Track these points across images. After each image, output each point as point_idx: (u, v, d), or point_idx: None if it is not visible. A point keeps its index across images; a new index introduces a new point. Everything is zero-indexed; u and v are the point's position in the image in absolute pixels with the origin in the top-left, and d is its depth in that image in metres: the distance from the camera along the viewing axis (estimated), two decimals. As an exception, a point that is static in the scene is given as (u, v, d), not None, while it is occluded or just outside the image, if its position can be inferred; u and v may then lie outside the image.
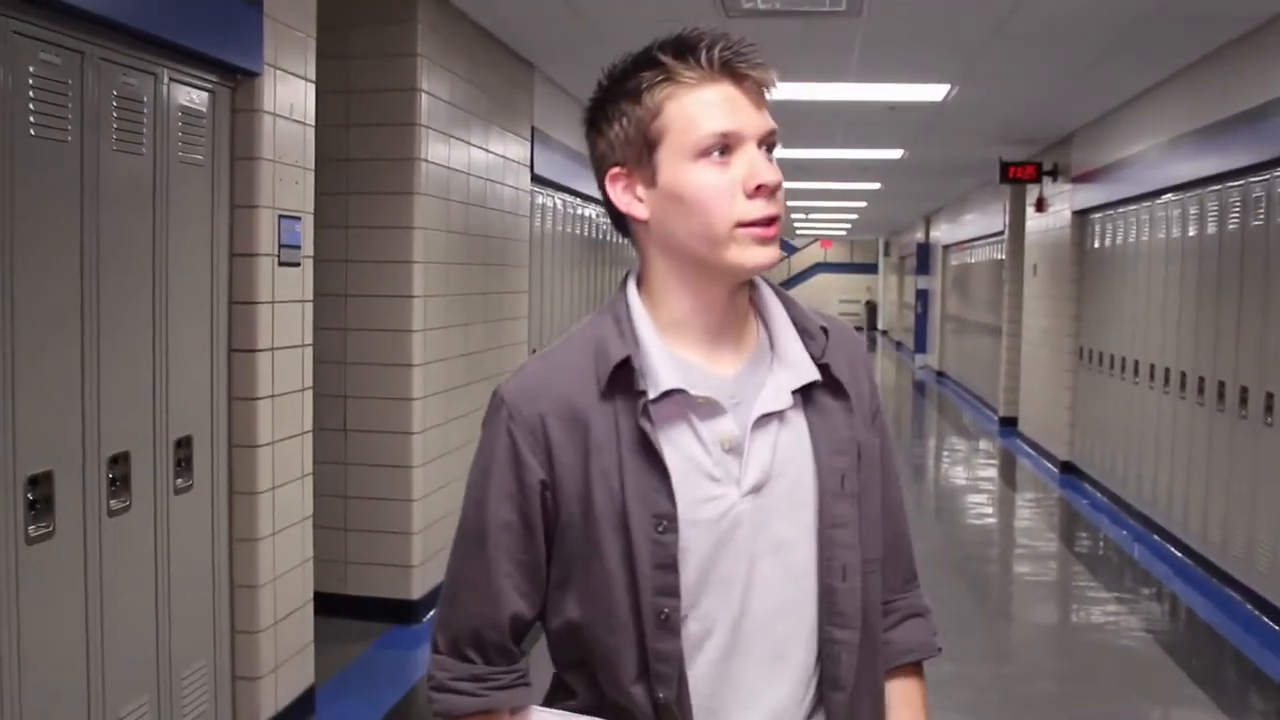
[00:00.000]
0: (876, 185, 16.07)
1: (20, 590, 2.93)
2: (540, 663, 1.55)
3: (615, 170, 1.45)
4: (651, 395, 1.41)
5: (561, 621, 1.48)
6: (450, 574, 1.53)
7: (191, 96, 3.68)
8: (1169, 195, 7.74)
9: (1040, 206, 11.45)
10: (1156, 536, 7.91)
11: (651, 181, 1.42)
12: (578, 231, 9.08)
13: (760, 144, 1.41)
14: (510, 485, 1.46)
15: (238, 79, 3.91)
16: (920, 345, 23.37)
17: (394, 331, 5.51)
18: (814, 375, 1.47)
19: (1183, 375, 7.41)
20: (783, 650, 1.47)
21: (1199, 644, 5.97)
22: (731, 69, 1.40)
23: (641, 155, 1.42)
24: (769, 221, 1.40)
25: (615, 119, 1.43)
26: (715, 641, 1.45)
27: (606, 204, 1.48)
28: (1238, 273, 6.50)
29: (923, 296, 23.24)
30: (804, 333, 1.50)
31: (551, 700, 1.55)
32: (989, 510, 9.75)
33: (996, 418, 14.03)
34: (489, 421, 1.49)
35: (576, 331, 1.51)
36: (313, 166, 4.36)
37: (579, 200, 8.97)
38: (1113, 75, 7.58)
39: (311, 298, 4.38)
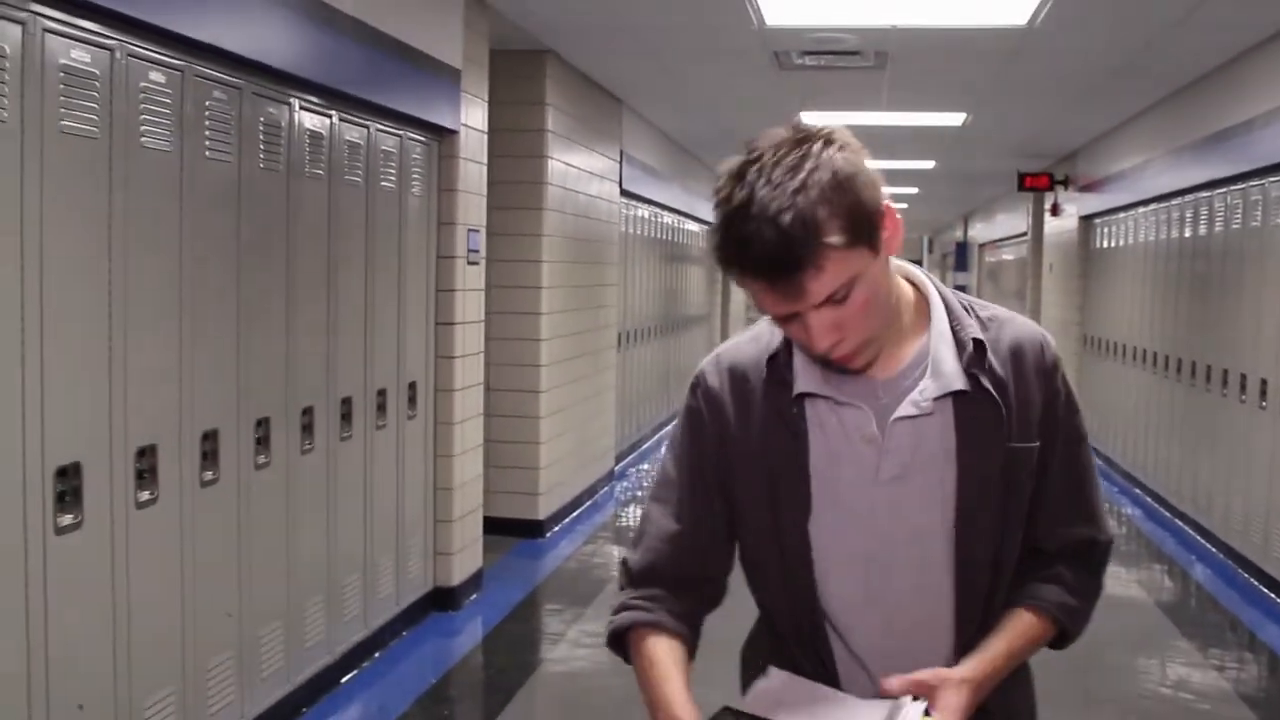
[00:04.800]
0: (914, 189, 17.65)
1: (339, 475, 4.65)
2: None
3: None
4: (793, 393, 1.59)
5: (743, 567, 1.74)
6: (643, 516, 1.73)
7: (418, 150, 5.39)
8: (1154, 204, 9.27)
9: (1055, 211, 12.94)
10: (1138, 490, 9.47)
11: None
12: (655, 235, 10.78)
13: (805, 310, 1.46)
14: (693, 444, 1.67)
15: (443, 135, 5.61)
16: (957, 337, 24.64)
17: (527, 314, 7.23)
18: (958, 385, 1.57)
19: (1154, 355, 8.96)
20: (922, 630, 1.62)
21: (1148, 552, 7.57)
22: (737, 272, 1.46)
23: None
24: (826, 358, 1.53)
25: None
26: (859, 613, 1.62)
27: None
28: (1193, 270, 8.04)
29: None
30: (959, 344, 1.59)
31: (759, 627, 1.80)
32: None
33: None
34: (689, 391, 1.70)
35: (761, 324, 1.68)
36: (485, 192, 6.06)
37: (657, 209, 10.68)
38: (1103, 105, 9.15)
39: (484, 287, 6.09)
